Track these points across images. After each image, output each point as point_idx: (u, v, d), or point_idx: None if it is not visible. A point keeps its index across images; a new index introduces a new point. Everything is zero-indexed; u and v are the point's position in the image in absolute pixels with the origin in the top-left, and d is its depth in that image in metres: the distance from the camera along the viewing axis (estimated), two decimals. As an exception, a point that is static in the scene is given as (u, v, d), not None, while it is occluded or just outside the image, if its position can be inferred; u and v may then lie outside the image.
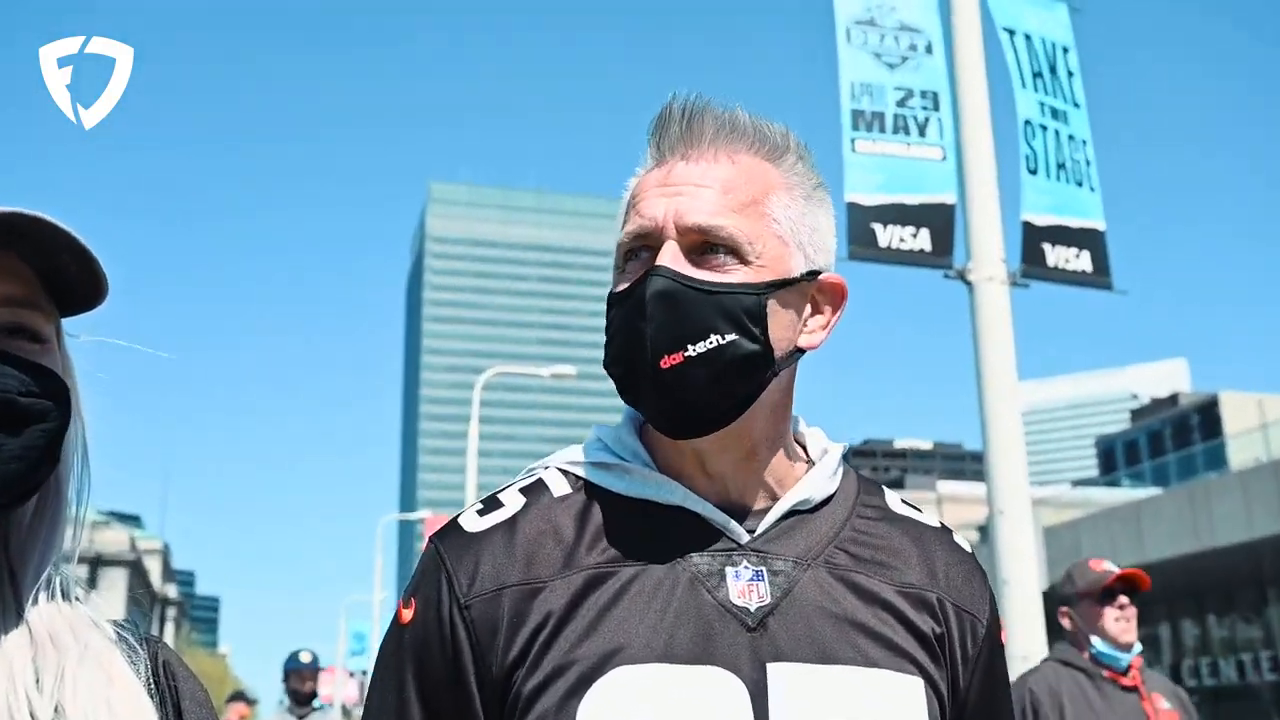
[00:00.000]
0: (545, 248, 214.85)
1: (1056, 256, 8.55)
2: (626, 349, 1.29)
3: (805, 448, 1.44)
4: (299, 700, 8.68)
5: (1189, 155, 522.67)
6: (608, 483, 1.36)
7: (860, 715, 1.24)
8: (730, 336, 1.27)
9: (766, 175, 1.36)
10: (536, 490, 1.38)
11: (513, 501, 1.36)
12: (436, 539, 1.35)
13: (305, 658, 8.79)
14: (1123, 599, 4.41)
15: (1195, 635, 35.80)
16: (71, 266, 1.20)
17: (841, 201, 8.14)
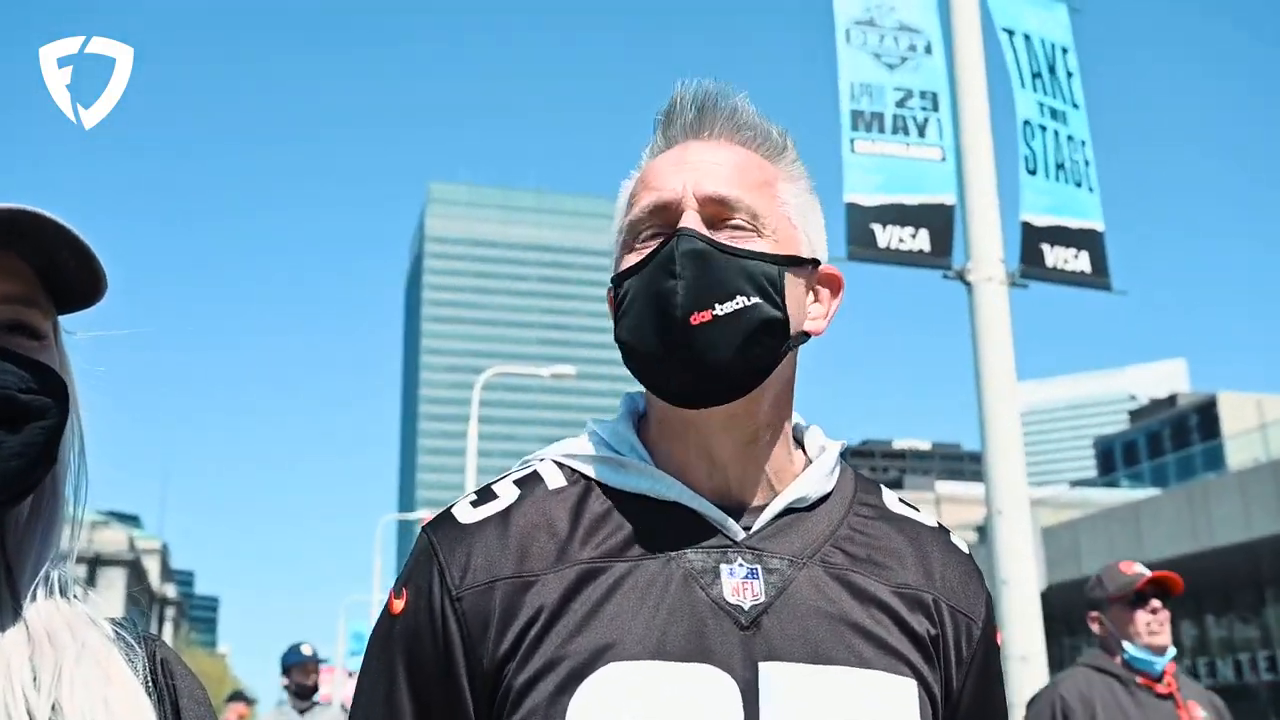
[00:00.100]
0: (545, 248, 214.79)
1: (1055, 257, 8.55)
2: (652, 310, 1.27)
3: (803, 445, 1.43)
4: (302, 694, 8.44)
5: (1188, 156, 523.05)
6: (604, 476, 1.35)
7: (852, 716, 1.24)
8: (755, 299, 1.27)
9: (771, 167, 1.38)
10: (531, 482, 1.36)
11: (507, 493, 1.35)
12: (430, 529, 1.34)
13: (307, 650, 8.58)
14: (1155, 602, 4.26)
15: (1193, 635, 35.81)
16: (71, 263, 1.20)
17: (841, 202, 8.14)
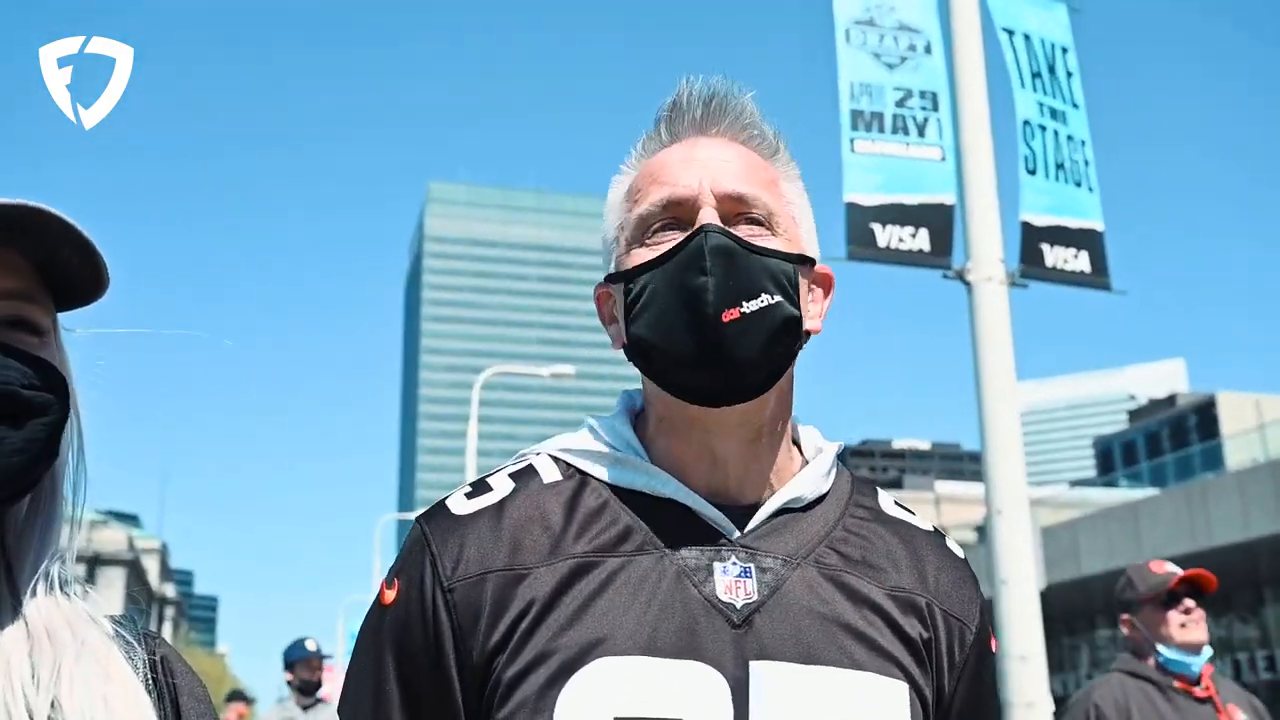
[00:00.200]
0: (544, 247, 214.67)
1: (1055, 257, 8.55)
2: (681, 306, 1.26)
3: (800, 446, 1.43)
4: (306, 690, 8.30)
5: (1188, 156, 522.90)
6: (599, 472, 1.34)
7: (843, 717, 1.23)
8: (777, 298, 1.27)
9: (771, 167, 1.39)
10: (526, 476, 1.36)
11: (501, 486, 1.35)
12: (423, 520, 1.33)
13: (311, 645, 8.41)
14: (1188, 602, 4.08)
15: (1193, 636, 35.80)
16: (73, 260, 1.20)
17: (840, 201, 8.14)
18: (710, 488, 1.32)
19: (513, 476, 1.36)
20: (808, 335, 1.35)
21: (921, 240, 8.18)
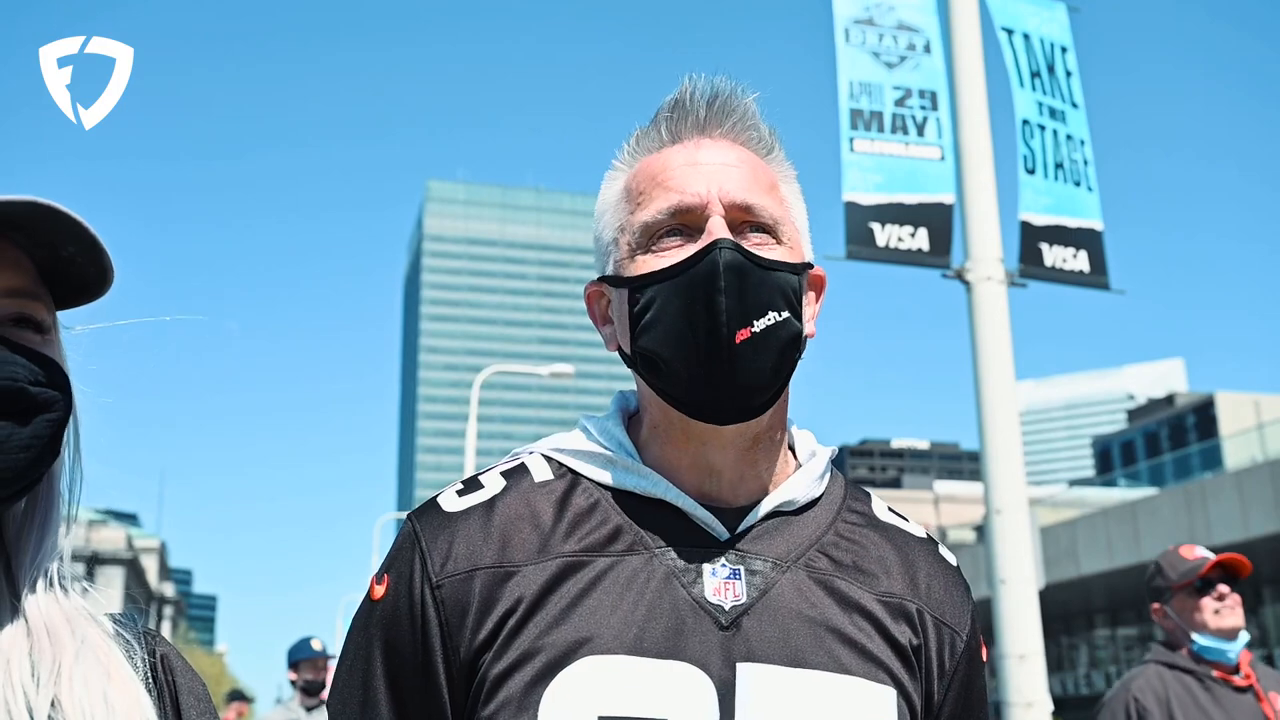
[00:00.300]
0: (543, 246, 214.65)
1: (1054, 256, 8.55)
2: (695, 325, 1.24)
3: (794, 449, 1.42)
4: (311, 691, 8.12)
5: (1187, 155, 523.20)
6: (591, 472, 1.34)
7: None
8: (785, 314, 1.27)
9: (769, 169, 1.37)
10: (518, 474, 1.36)
11: (493, 484, 1.35)
12: (414, 516, 1.34)
13: (317, 645, 8.24)
14: (1222, 588, 3.93)
15: (1192, 635, 35.81)
16: (77, 258, 1.20)
17: (840, 201, 8.14)
18: (702, 490, 1.32)
19: (504, 475, 1.36)
20: (805, 341, 1.35)
21: (921, 240, 8.18)
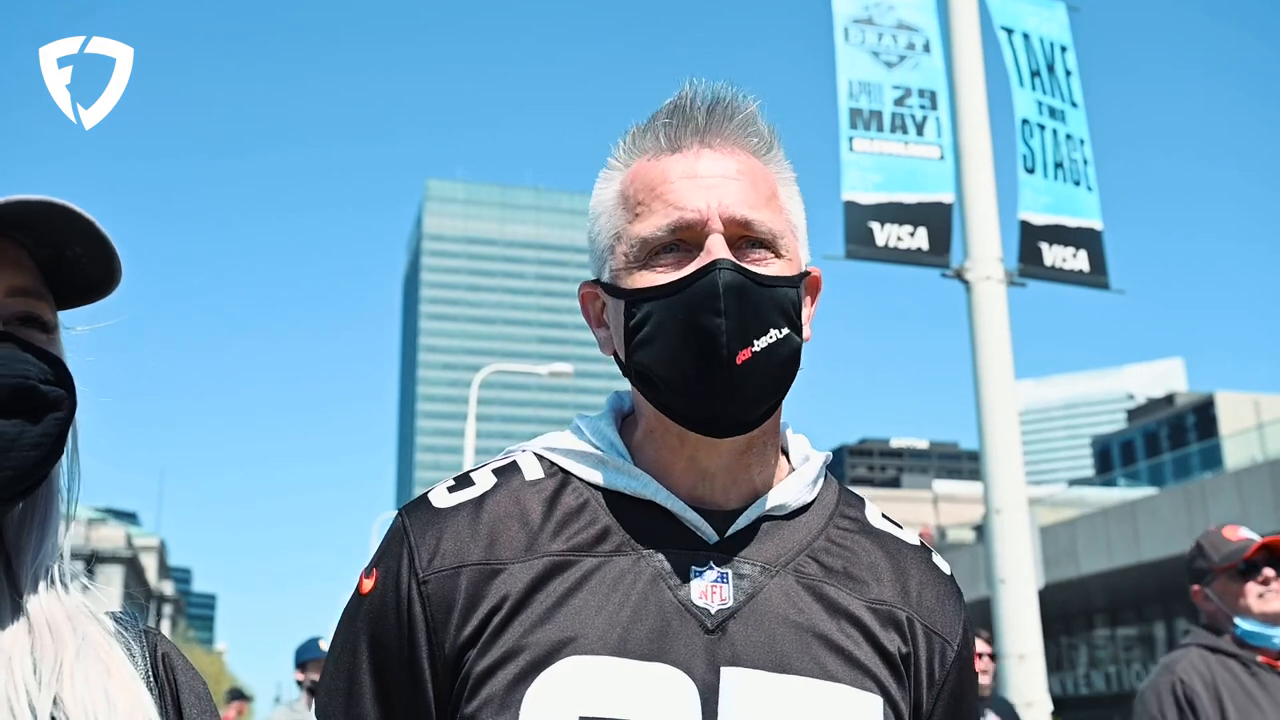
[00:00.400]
0: (542, 246, 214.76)
1: (1054, 256, 8.55)
2: (693, 346, 1.24)
3: (788, 453, 1.42)
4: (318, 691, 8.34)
5: (1187, 155, 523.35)
6: (581, 471, 1.34)
7: None
8: (785, 331, 1.26)
9: (768, 172, 1.36)
10: (509, 472, 1.36)
11: (483, 481, 1.35)
12: (404, 511, 1.34)
13: (325, 645, 8.43)
14: (1268, 571, 3.79)
15: (1191, 635, 35.81)
16: (83, 259, 1.21)
17: (839, 200, 8.14)
18: (694, 493, 1.31)
19: (496, 472, 1.36)
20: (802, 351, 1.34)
21: (920, 239, 8.18)
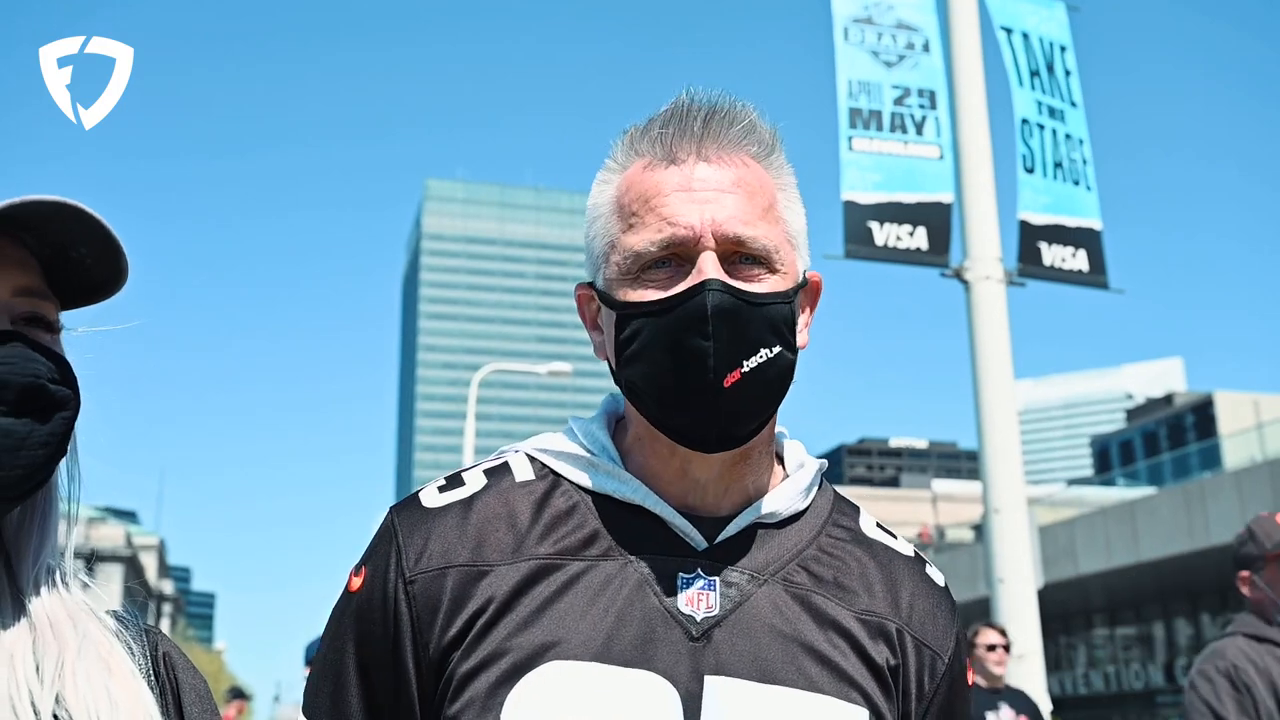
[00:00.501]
0: (542, 245, 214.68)
1: (1053, 255, 8.56)
2: (679, 368, 1.22)
3: (783, 459, 1.40)
4: None
5: (1187, 155, 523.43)
6: (572, 474, 1.33)
7: None
8: (777, 349, 1.25)
9: (768, 177, 1.33)
10: (500, 473, 1.35)
11: (474, 481, 1.34)
12: (394, 511, 1.34)
13: None
14: None
15: (1189, 635, 35.82)
16: (88, 260, 1.21)
17: (839, 200, 8.14)
18: (684, 500, 1.30)
19: (487, 473, 1.36)
20: (795, 365, 1.31)
21: (919, 239, 8.18)
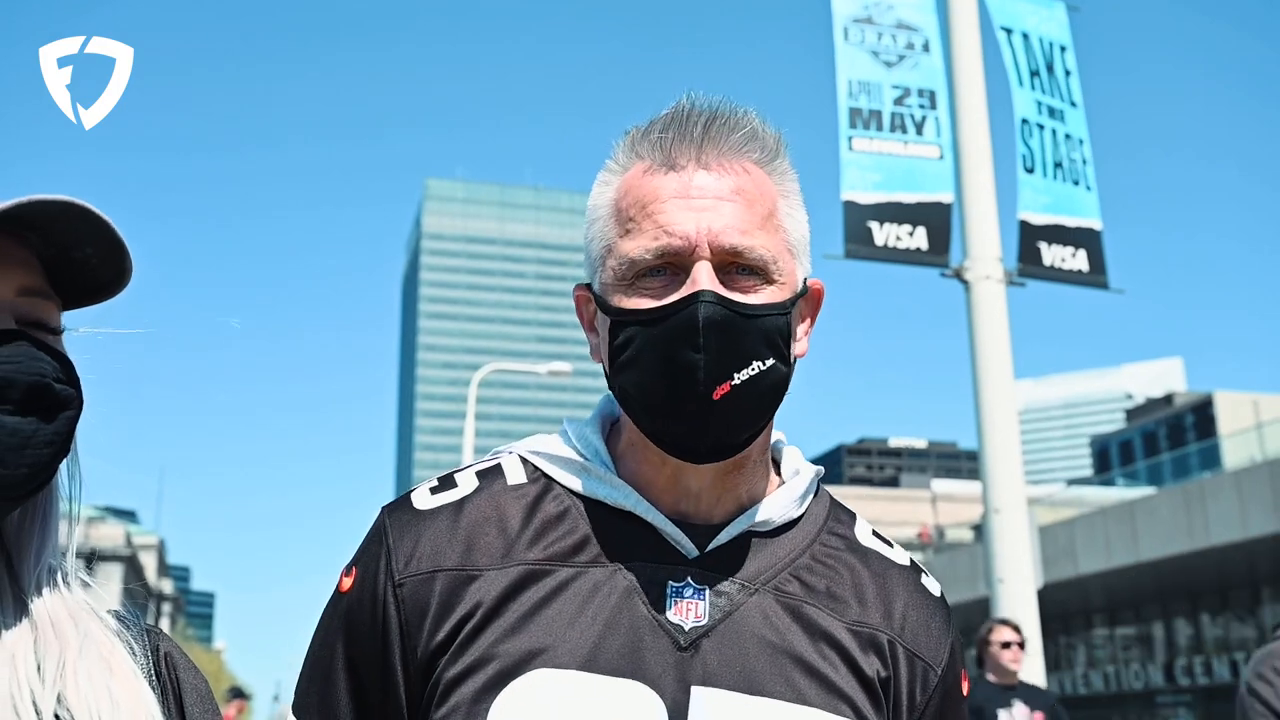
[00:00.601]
0: (542, 244, 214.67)
1: (1053, 255, 8.56)
2: (669, 379, 1.21)
3: (779, 466, 1.39)
4: None
5: (1187, 155, 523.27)
6: (564, 478, 1.32)
7: None
8: (770, 362, 1.23)
9: (770, 184, 1.31)
10: (492, 475, 1.34)
11: (466, 483, 1.33)
12: (386, 510, 1.33)
13: None
14: None
15: (1189, 635, 35.84)
16: (92, 260, 1.21)
17: (838, 199, 8.14)
18: (676, 507, 1.29)
19: (479, 474, 1.35)
20: (795, 360, 1.30)
21: (919, 239, 8.18)
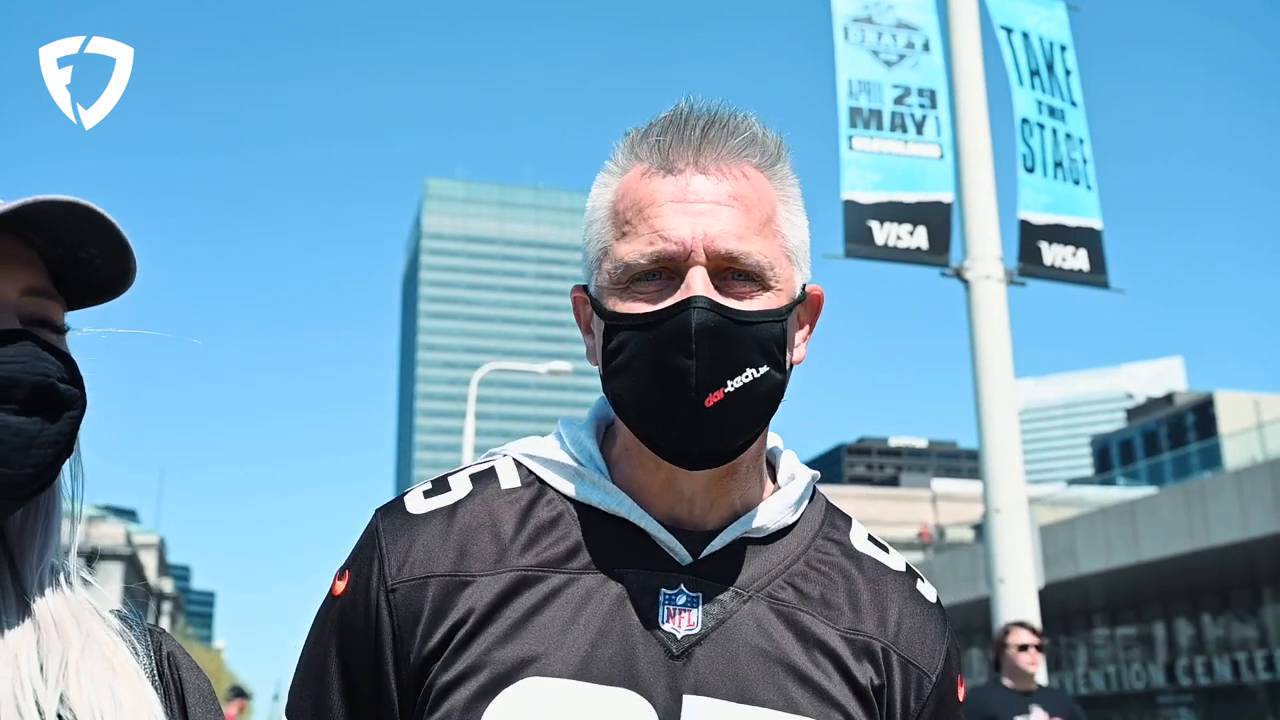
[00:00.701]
0: (541, 244, 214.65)
1: (1053, 255, 8.55)
2: (661, 385, 1.20)
3: (775, 471, 1.38)
4: None
5: (1187, 155, 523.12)
6: (558, 483, 1.31)
7: None
8: (764, 369, 1.22)
9: (770, 189, 1.30)
10: (485, 479, 1.33)
11: (460, 487, 1.32)
12: (380, 514, 1.32)
13: None
14: None
15: (1190, 635, 35.82)
16: (96, 260, 1.21)
17: (839, 199, 8.14)
18: (670, 513, 1.28)
19: (473, 478, 1.34)
20: (791, 367, 1.29)
21: (919, 238, 8.18)
